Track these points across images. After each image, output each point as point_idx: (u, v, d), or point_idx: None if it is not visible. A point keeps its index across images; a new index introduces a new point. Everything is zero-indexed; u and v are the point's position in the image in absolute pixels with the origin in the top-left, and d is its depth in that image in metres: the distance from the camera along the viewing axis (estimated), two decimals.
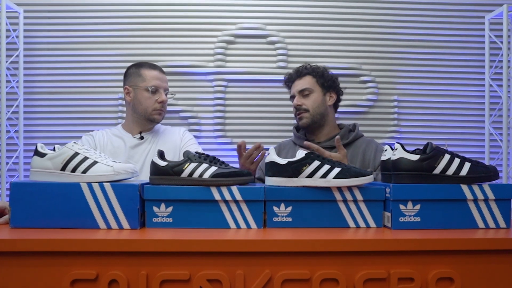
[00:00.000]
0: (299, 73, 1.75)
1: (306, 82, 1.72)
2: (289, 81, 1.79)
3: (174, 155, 1.69)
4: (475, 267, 0.91)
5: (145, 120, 1.68)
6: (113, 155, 1.62)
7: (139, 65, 1.70)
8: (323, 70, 1.74)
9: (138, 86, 1.66)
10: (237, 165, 1.81)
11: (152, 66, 1.71)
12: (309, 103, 1.70)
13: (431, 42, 2.40)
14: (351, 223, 1.03)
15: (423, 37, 2.39)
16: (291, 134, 2.34)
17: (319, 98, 1.71)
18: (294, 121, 2.34)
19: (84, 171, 0.98)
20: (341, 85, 1.82)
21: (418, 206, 1.01)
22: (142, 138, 1.68)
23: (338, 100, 1.78)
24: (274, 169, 1.04)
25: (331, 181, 1.00)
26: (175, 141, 1.73)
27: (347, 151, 1.66)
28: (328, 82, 1.73)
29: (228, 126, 2.35)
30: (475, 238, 0.92)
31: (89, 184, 0.97)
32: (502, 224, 1.02)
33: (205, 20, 2.35)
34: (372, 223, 1.03)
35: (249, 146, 2.33)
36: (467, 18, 2.40)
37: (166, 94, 1.69)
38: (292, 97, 1.76)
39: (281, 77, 2.33)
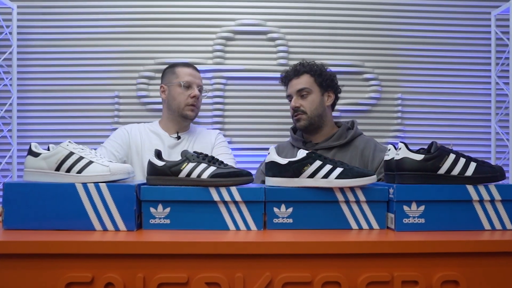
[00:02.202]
0: (297, 71, 1.71)
1: (304, 81, 1.68)
2: (286, 79, 1.75)
3: None
4: (481, 270, 0.91)
5: (179, 117, 1.73)
6: (152, 152, 1.65)
7: (174, 65, 1.79)
8: (321, 68, 1.70)
9: (172, 83, 1.72)
10: (236, 165, 1.81)
11: (186, 64, 1.80)
12: (307, 105, 1.66)
13: (436, 38, 2.39)
14: (354, 225, 1.02)
15: (428, 33, 2.39)
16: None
17: (317, 99, 1.67)
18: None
19: (79, 171, 0.98)
20: (343, 82, 1.79)
21: (422, 207, 1.01)
22: (179, 138, 1.73)
23: (336, 99, 1.75)
24: (275, 169, 1.04)
25: (333, 181, 1.00)
26: (209, 142, 1.78)
27: (346, 151, 1.64)
28: (327, 81, 1.69)
29: (227, 125, 2.35)
30: (481, 240, 0.92)
31: (84, 185, 0.96)
32: (508, 225, 1.02)
33: (204, 16, 2.35)
34: (375, 225, 1.03)
35: (249, 146, 2.34)
36: (473, 14, 2.40)
37: (199, 91, 1.75)
38: (289, 96, 1.74)
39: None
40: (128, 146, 1.69)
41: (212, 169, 1.00)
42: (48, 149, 1.02)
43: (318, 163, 1.01)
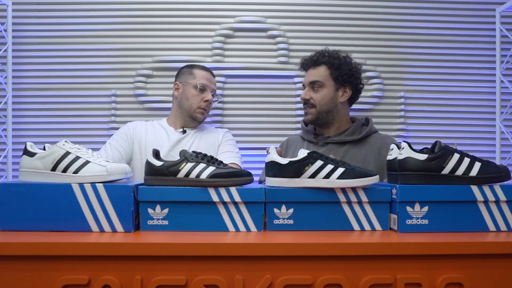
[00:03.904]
0: (314, 61, 1.65)
1: (318, 73, 1.63)
2: (303, 67, 1.70)
3: (213, 153, 1.77)
4: (486, 272, 0.90)
5: (188, 117, 1.78)
6: (155, 146, 1.66)
7: (192, 66, 1.85)
8: (341, 61, 1.63)
9: (187, 82, 1.78)
10: (242, 164, 1.81)
11: (203, 67, 1.86)
12: (317, 98, 1.62)
13: (439, 36, 2.39)
14: (356, 226, 1.02)
15: (431, 30, 2.39)
16: (293, 132, 2.34)
17: (329, 94, 1.62)
18: (297, 118, 2.35)
19: (76, 171, 0.98)
20: None
21: (426, 208, 1.01)
22: (184, 132, 1.78)
23: (355, 95, 1.69)
24: (275, 169, 1.03)
25: (334, 181, 1.00)
26: (216, 140, 1.81)
27: (360, 148, 1.59)
28: (344, 76, 1.62)
29: (227, 124, 2.35)
30: (485, 242, 0.92)
31: (81, 185, 0.96)
32: None
33: (203, 13, 2.35)
34: (377, 226, 1.03)
35: (249, 146, 2.34)
36: (477, 10, 2.40)
37: (212, 96, 1.80)
38: (304, 86, 1.69)
39: (282, 73, 2.34)
40: (132, 141, 1.74)
41: (211, 169, 1.00)
42: (44, 149, 1.01)
43: (319, 163, 1.01)
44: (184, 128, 1.79)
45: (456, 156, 1.01)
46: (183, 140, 1.76)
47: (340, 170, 1.00)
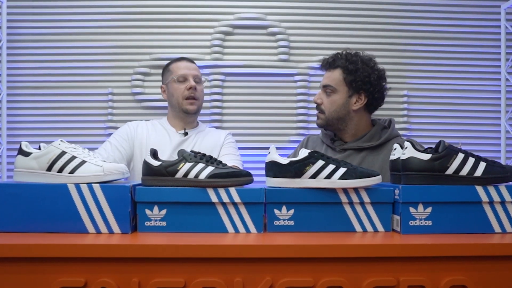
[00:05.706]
0: (330, 63, 1.58)
1: (333, 77, 1.55)
2: (322, 68, 1.62)
3: (215, 155, 1.75)
4: (491, 274, 0.90)
5: (181, 113, 1.76)
6: (157, 148, 1.64)
7: (169, 63, 1.82)
8: (358, 66, 1.53)
9: (168, 80, 1.76)
10: (243, 167, 1.81)
11: (178, 59, 1.82)
12: (327, 104, 1.55)
13: (443, 33, 2.39)
14: (358, 227, 1.02)
15: (435, 28, 2.39)
16: (293, 131, 2.35)
17: (341, 100, 1.54)
18: (298, 118, 2.35)
19: (72, 171, 0.98)
20: None
21: (429, 209, 1.00)
22: (186, 134, 1.77)
23: (373, 102, 1.58)
24: (275, 169, 1.03)
25: (336, 182, 0.99)
26: (218, 142, 1.80)
27: (378, 154, 1.52)
28: (358, 82, 1.51)
29: (226, 123, 2.35)
30: (490, 243, 0.92)
31: (77, 185, 0.96)
32: None
33: (201, 9, 2.35)
34: (380, 227, 1.03)
35: (248, 145, 2.35)
36: (482, 7, 2.40)
37: (197, 82, 1.76)
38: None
39: (282, 71, 2.34)
40: (132, 142, 1.73)
41: (210, 169, 1.00)
42: (39, 148, 1.01)
43: (320, 162, 1.01)
44: (186, 130, 1.78)
45: (461, 156, 1.01)
46: (185, 142, 1.75)
47: (342, 170, 1.00)
